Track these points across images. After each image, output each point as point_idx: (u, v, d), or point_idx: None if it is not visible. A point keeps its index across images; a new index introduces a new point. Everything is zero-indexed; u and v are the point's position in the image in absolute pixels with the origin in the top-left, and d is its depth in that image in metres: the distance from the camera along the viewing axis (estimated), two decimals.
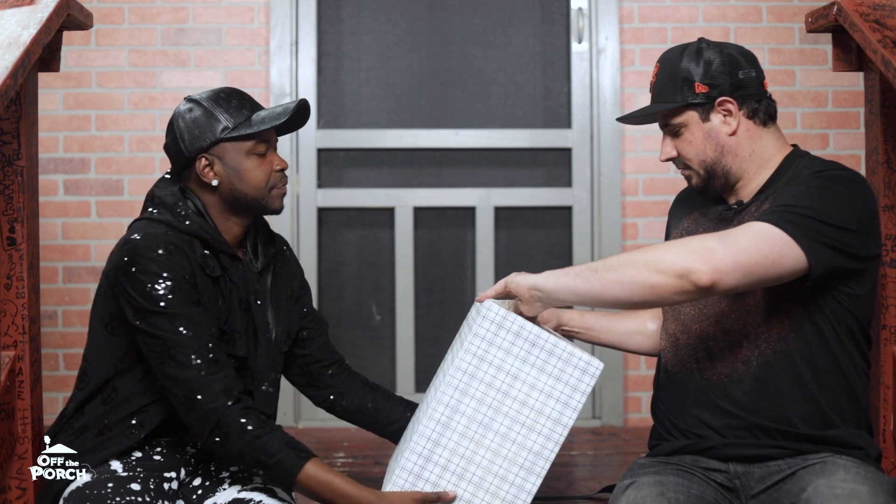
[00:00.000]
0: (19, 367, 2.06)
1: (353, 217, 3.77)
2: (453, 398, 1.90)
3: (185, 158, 2.01)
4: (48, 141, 3.59)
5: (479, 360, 1.89)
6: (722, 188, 1.99)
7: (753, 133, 1.96)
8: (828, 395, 1.88)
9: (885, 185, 2.13)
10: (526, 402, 1.90)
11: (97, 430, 1.97)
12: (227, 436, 1.87)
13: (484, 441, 1.90)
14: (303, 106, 2.04)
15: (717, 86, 1.94)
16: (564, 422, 1.90)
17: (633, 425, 3.66)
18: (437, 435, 1.90)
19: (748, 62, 1.97)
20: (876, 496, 1.74)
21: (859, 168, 3.51)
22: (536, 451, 1.90)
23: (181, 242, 1.95)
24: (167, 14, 3.67)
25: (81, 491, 1.91)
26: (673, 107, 1.96)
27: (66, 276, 3.64)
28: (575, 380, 1.89)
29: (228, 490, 2.00)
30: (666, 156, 2.01)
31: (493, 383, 1.89)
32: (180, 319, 1.89)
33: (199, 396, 1.87)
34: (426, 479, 1.91)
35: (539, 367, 1.89)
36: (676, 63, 1.97)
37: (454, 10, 3.80)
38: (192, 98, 2.03)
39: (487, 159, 3.79)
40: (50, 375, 3.56)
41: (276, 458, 1.87)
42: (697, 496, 1.86)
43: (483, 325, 1.88)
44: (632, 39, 3.71)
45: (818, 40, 3.64)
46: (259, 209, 2.03)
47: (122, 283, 1.92)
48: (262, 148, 2.01)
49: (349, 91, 3.79)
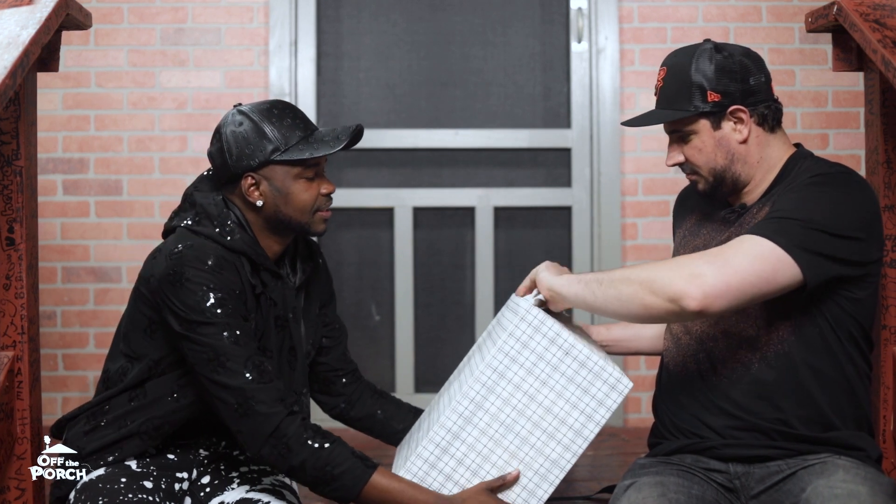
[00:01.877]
0: (18, 367, 2.05)
1: (352, 217, 3.77)
2: (479, 394, 1.89)
3: (230, 173, 1.95)
4: (47, 141, 3.58)
5: (511, 361, 1.89)
6: (729, 193, 1.97)
7: (763, 140, 1.94)
8: (828, 398, 1.88)
9: (885, 185, 2.12)
10: (551, 409, 1.89)
11: (115, 430, 1.96)
12: (288, 446, 1.82)
13: (503, 441, 1.90)
14: (358, 133, 1.97)
15: (729, 94, 1.90)
16: (585, 434, 1.90)
17: (633, 425, 3.66)
18: (457, 428, 1.89)
19: (758, 67, 1.94)
20: (875, 497, 1.74)
21: (859, 168, 3.51)
22: (553, 458, 1.90)
23: (231, 258, 1.91)
24: (166, 14, 3.67)
25: (94, 484, 1.90)
26: (685, 115, 1.92)
27: (64, 276, 3.64)
28: (602, 394, 1.89)
29: (237, 490, 1.98)
30: (673, 161, 1.98)
31: (521, 385, 1.89)
32: (230, 329, 1.85)
33: (254, 403, 1.83)
34: (440, 469, 1.90)
35: (569, 376, 1.89)
36: (686, 69, 1.93)
37: (454, 10, 3.79)
38: (243, 110, 1.96)
39: (487, 159, 3.79)
40: (49, 376, 3.56)
41: (342, 468, 1.82)
42: (698, 496, 1.86)
43: (520, 327, 1.88)
44: (631, 39, 3.71)
45: (818, 40, 3.64)
46: (302, 231, 1.99)
47: (166, 292, 1.87)
48: (311, 173, 1.95)
49: (349, 91, 3.79)
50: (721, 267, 1.73)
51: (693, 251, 2.01)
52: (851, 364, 1.89)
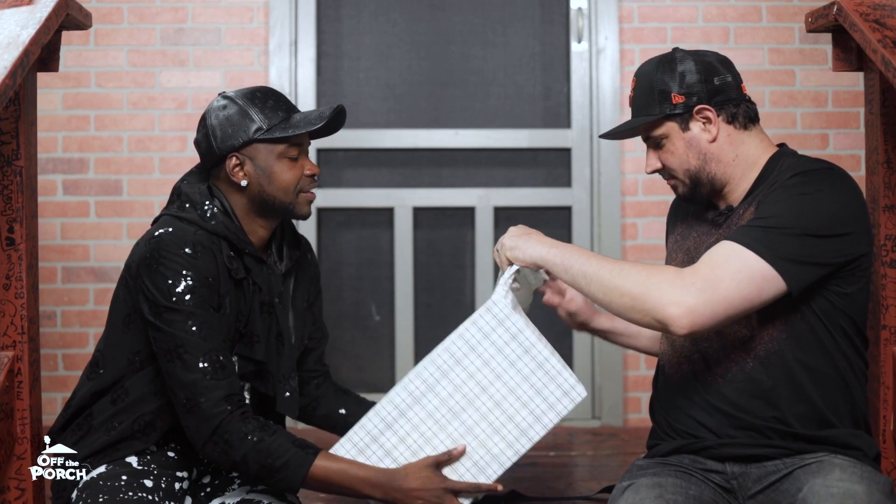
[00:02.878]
0: (18, 367, 2.05)
1: (352, 217, 3.77)
2: (432, 376, 1.89)
3: (215, 156, 1.99)
4: (47, 141, 3.58)
5: (470, 349, 1.89)
6: (709, 194, 1.99)
7: (735, 138, 1.96)
8: (823, 395, 1.88)
9: (885, 185, 2.12)
10: (501, 403, 1.89)
11: (106, 433, 1.97)
12: (229, 442, 1.85)
13: (448, 427, 1.90)
14: (339, 112, 2.01)
15: (693, 94, 1.94)
16: (531, 435, 1.90)
17: (633, 426, 3.66)
18: (405, 406, 1.90)
19: (724, 67, 1.97)
20: (872, 496, 1.74)
21: (859, 168, 3.51)
22: (495, 453, 1.90)
23: (209, 243, 1.93)
24: (166, 14, 3.67)
25: (95, 482, 1.91)
26: (652, 119, 1.96)
27: (64, 276, 3.64)
28: (554, 399, 1.89)
29: (238, 490, 1.99)
30: (651, 168, 2.02)
31: (475, 375, 1.89)
32: (195, 319, 1.87)
33: (201, 400, 1.85)
34: (381, 444, 1.90)
35: (524, 374, 1.89)
36: (651, 75, 1.97)
37: (454, 9, 3.79)
38: (227, 95, 2.00)
39: (487, 159, 3.79)
40: (49, 376, 3.56)
41: (283, 459, 1.85)
42: (696, 497, 1.86)
43: (484, 317, 1.89)
44: (631, 39, 3.71)
45: (818, 40, 3.63)
46: (286, 213, 2.01)
47: (143, 276, 1.91)
48: (294, 152, 1.99)
49: (349, 91, 3.79)
50: (710, 296, 1.76)
51: (684, 255, 2.03)
52: (845, 360, 1.89)
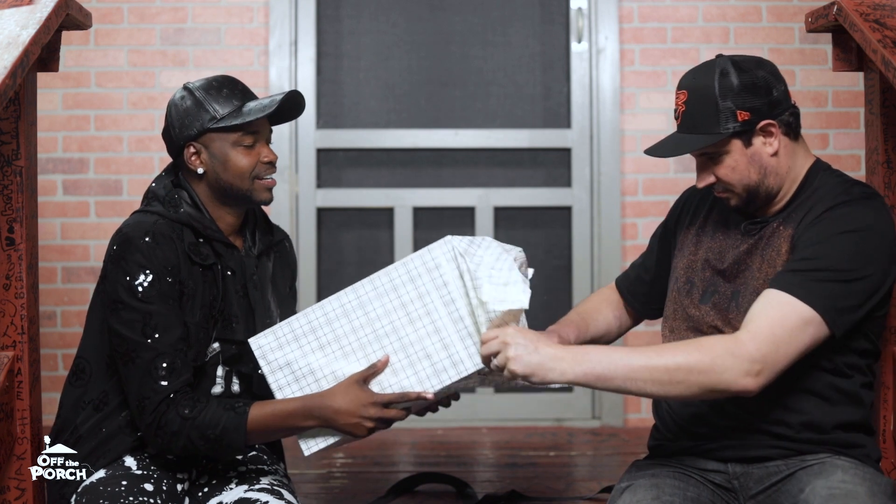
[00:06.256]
0: (18, 367, 2.05)
1: (352, 217, 3.77)
2: (367, 294, 1.91)
3: (176, 146, 2.05)
4: (47, 141, 3.58)
5: (392, 289, 1.90)
6: (761, 206, 1.95)
7: (790, 149, 1.92)
8: (829, 399, 1.87)
9: (885, 185, 2.12)
10: (406, 349, 1.90)
11: (94, 438, 1.98)
12: (172, 432, 1.90)
13: (366, 349, 1.91)
14: (293, 97, 2.04)
15: (756, 110, 1.87)
16: (426, 386, 1.90)
17: (633, 426, 3.66)
18: (335, 316, 1.91)
19: (776, 77, 1.92)
20: (874, 497, 1.74)
21: (859, 168, 3.51)
22: (405, 386, 1.91)
23: (170, 231, 1.97)
24: (166, 14, 3.67)
25: (95, 487, 1.91)
26: (719, 139, 1.88)
27: (64, 276, 3.64)
28: (442, 366, 1.89)
29: (235, 490, 1.99)
30: (706, 183, 1.94)
31: (390, 314, 1.90)
32: (149, 320, 1.92)
33: (146, 403, 1.91)
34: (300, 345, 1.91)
35: (437, 327, 1.89)
36: (710, 91, 1.88)
37: (454, 10, 3.79)
38: (187, 86, 2.06)
39: (487, 159, 3.79)
40: (49, 376, 3.56)
41: (220, 426, 1.89)
42: (694, 499, 1.86)
43: (414, 261, 1.89)
44: (631, 39, 3.70)
45: (818, 40, 3.63)
46: (244, 199, 2.04)
47: (107, 271, 1.97)
48: (249, 140, 2.02)
49: (348, 91, 3.79)
50: (773, 358, 1.76)
51: (706, 252, 1.99)
52: (859, 373, 1.89)
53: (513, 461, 3.11)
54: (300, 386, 1.93)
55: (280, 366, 1.93)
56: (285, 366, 1.93)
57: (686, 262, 2.02)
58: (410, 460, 3.27)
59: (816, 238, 1.83)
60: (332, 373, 1.92)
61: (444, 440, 3.47)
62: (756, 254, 1.91)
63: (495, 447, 3.36)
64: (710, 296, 1.95)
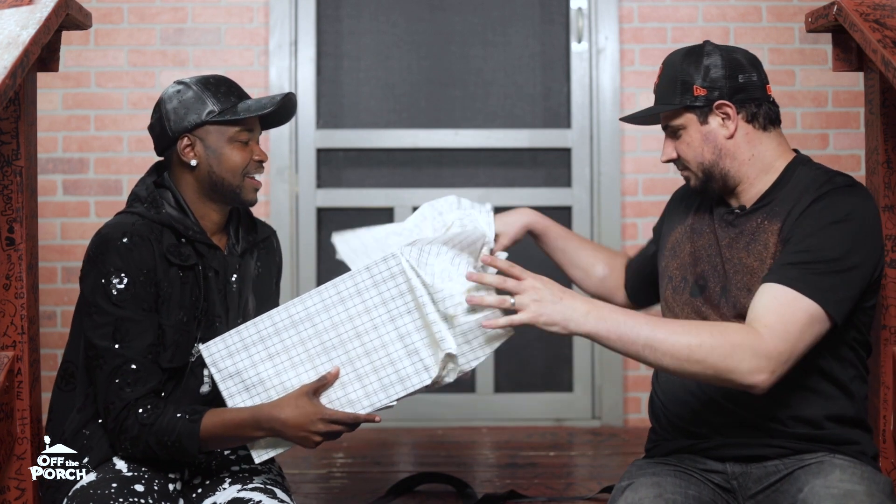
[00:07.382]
0: (18, 367, 2.05)
1: (352, 217, 3.77)
2: (315, 306, 1.89)
3: (168, 138, 2.05)
4: (47, 141, 3.58)
5: (357, 293, 1.88)
6: (721, 190, 1.99)
7: (752, 137, 1.96)
8: (824, 396, 1.88)
9: (885, 185, 2.12)
10: (370, 354, 1.89)
11: (77, 440, 2.00)
12: (133, 437, 1.92)
13: (314, 360, 1.90)
14: (289, 100, 2.06)
15: (715, 88, 1.94)
16: (389, 393, 1.89)
17: (633, 426, 3.66)
18: (283, 326, 1.90)
19: (751, 66, 1.97)
20: (872, 496, 1.75)
21: (859, 168, 3.51)
22: (352, 399, 1.90)
23: (148, 232, 1.97)
24: (166, 14, 3.67)
25: (85, 490, 1.91)
26: (672, 109, 1.97)
27: (64, 276, 3.64)
28: (405, 374, 1.89)
29: (228, 489, 1.99)
30: (666, 157, 2.03)
31: (354, 319, 1.88)
32: (121, 325, 1.93)
33: (111, 409, 1.92)
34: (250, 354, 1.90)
35: (401, 334, 1.88)
36: (677, 65, 1.99)
37: (454, 10, 3.79)
38: (182, 81, 2.06)
39: (487, 159, 3.79)
40: (49, 376, 3.55)
41: (175, 433, 1.90)
42: (695, 497, 1.86)
43: (379, 266, 1.87)
44: (631, 39, 3.71)
45: (818, 40, 3.63)
46: (232, 196, 2.05)
47: (85, 272, 1.98)
48: (244, 136, 2.04)
49: (348, 91, 3.79)
50: (788, 355, 1.77)
51: (690, 256, 2.02)
52: (851, 366, 1.90)
53: (512, 461, 3.11)
54: (250, 395, 1.92)
55: (230, 374, 1.92)
56: (235, 374, 1.92)
57: (678, 261, 2.05)
58: (410, 460, 3.27)
59: (810, 230, 1.84)
60: (282, 383, 1.91)
61: (443, 440, 3.47)
62: (740, 248, 1.93)
63: (495, 447, 3.36)
64: (699, 290, 1.98)
